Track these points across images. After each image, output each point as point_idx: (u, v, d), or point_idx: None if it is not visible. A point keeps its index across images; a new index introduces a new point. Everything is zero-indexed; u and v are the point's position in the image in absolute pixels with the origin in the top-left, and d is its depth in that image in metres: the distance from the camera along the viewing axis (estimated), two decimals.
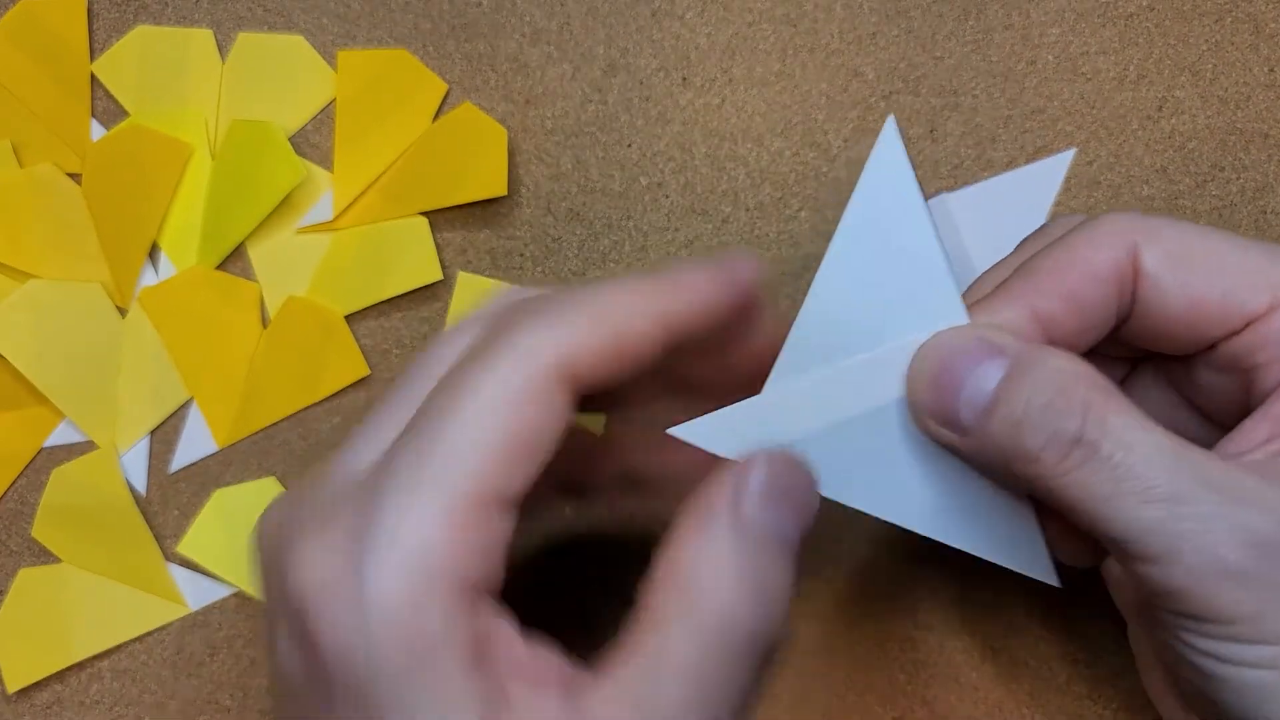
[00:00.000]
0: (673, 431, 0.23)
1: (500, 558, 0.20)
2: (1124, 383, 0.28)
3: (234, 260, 0.36)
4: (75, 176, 0.36)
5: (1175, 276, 0.23)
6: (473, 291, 0.35)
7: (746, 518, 0.21)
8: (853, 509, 0.24)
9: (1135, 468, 0.20)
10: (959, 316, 0.23)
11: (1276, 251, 0.23)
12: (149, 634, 0.35)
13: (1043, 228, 0.27)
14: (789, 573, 0.21)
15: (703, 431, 0.23)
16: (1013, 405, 0.21)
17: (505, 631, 0.20)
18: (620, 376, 0.21)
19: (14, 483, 0.35)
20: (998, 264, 0.26)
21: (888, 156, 0.23)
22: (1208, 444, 0.22)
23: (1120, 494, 0.20)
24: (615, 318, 0.21)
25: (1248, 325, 0.23)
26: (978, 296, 0.25)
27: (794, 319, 0.24)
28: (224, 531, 0.35)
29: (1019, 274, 0.24)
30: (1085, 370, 0.22)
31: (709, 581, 0.20)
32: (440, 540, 0.18)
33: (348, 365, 0.35)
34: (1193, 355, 0.25)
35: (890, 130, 0.23)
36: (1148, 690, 0.28)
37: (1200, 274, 0.23)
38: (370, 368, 0.35)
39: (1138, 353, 0.27)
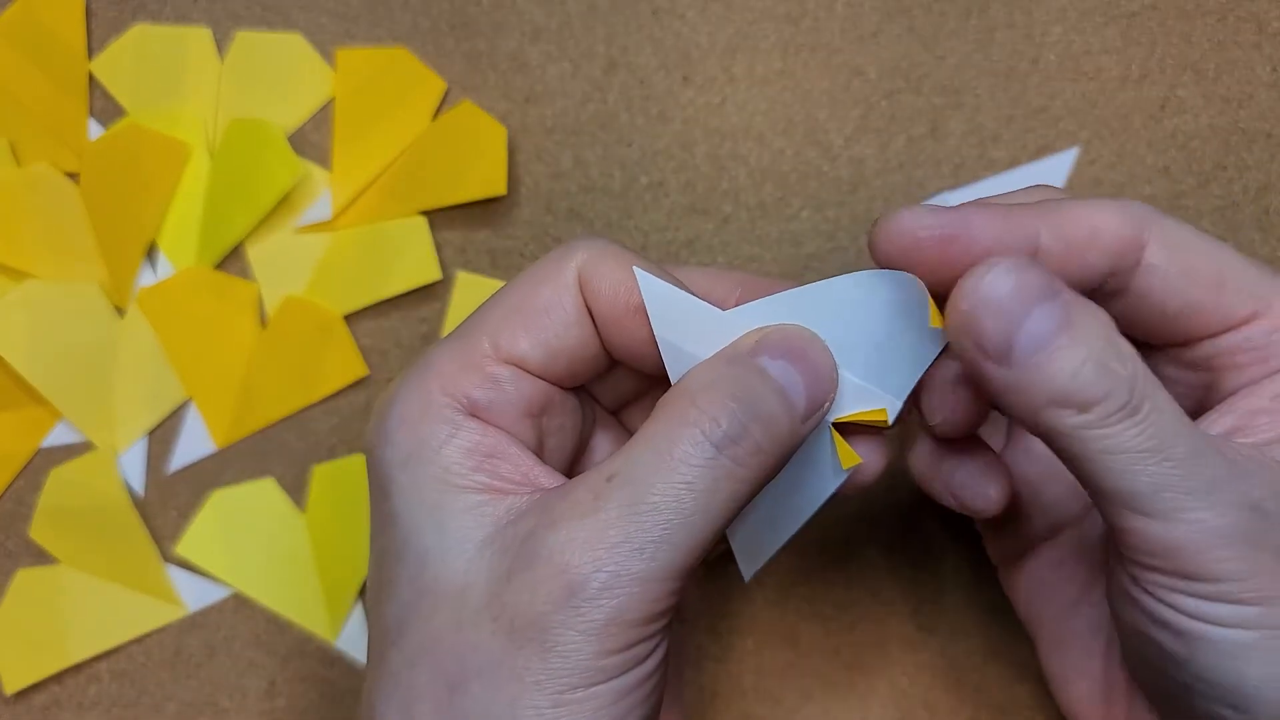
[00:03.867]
0: (636, 270, 0.24)
1: (505, 396, 0.24)
2: None
3: (232, 260, 0.36)
4: (73, 176, 0.36)
5: (1175, 272, 0.24)
6: (472, 291, 0.35)
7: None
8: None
9: (1166, 427, 0.21)
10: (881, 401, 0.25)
11: (1267, 270, 0.25)
12: (147, 635, 0.34)
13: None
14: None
15: (657, 293, 0.24)
16: (1077, 352, 0.21)
17: (497, 443, 0.23)
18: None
19: (11, 483, 0.35)
20: (1019, 191, 0.26)
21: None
22: None
23: (1150, 450, 0.21)
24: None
25: (1228, 329, 0.24)
26: (997, 202, 0.25)
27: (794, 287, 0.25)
28: (222, 532, 0.35)
29: (1038, 206, 0.24)
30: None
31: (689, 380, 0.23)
32: (445, 374, 0.24)
33: (346, 365, 0.35)
34: (1163, 349, 0.26)
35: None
36: (1061, 688, 0.28)
37: (1198, 275, 0.24)
38: (369, 368, 0.35)
39: None
